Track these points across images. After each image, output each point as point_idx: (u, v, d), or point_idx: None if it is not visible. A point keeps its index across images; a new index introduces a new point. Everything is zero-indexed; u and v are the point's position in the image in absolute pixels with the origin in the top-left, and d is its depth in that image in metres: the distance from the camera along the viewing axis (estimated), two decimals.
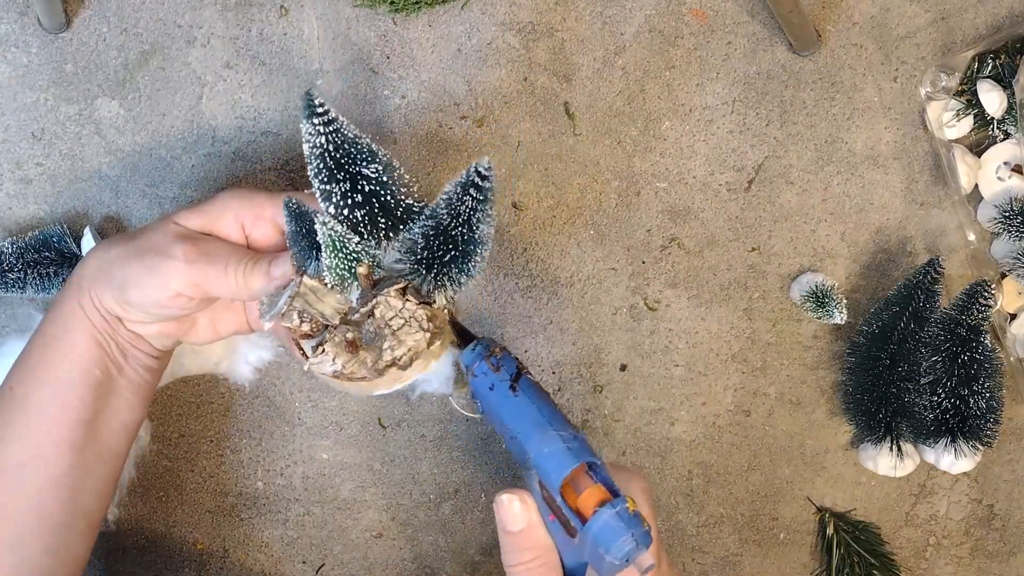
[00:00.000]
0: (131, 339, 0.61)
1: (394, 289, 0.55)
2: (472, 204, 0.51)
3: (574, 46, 0.71)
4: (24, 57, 0.69)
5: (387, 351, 0.55)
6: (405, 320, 0.55)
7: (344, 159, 0.53)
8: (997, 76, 0.71)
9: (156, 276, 0.58)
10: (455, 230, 0.53)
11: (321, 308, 0.56)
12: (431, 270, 0.55)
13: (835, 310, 0.71)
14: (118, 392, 0.61)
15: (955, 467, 0.74)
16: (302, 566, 0.76)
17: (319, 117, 0.52)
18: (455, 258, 0.54)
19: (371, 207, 0.54)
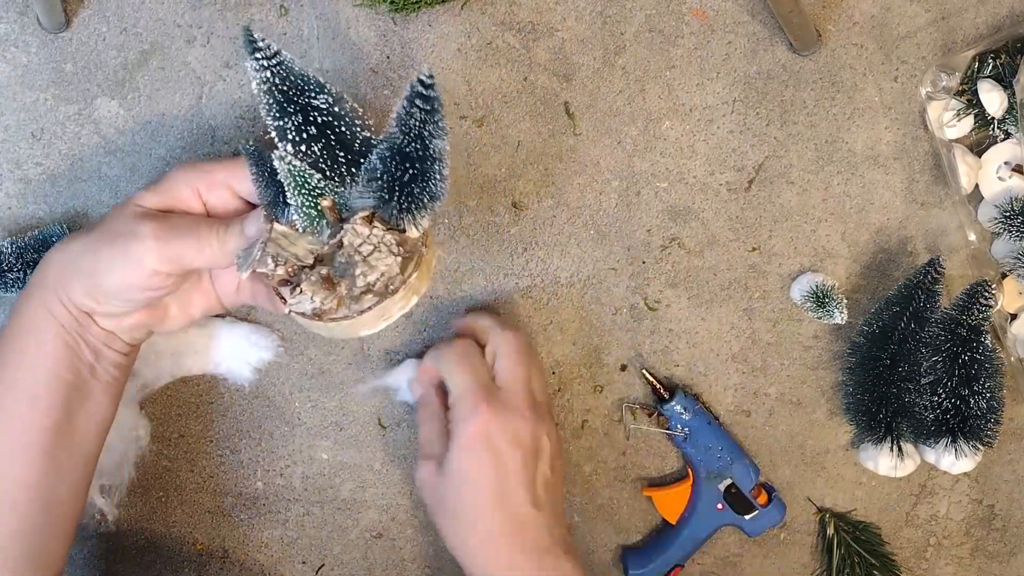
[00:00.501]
0: (102, 337, 0.60)
1: (360, 217, 0.56)
2: (420, 116, 0.51)
3: (574, 46, 0.71)
4: (24, 57, 0.69)
5: (359, 277, 0.56)
6: (374, 245, 0.56)
7: (292, 92, 0.54)
8: (997, 76, 0.71)
9: (128, 258, 0.57)
10: (408, 147, 0.52)
11: (294, 250, 0.56)
12: (393, 194, 0.55)
13: (835, 310, 0.71)
14: (89, 394, 0.61)
15: (955, 467, 0.74)
16: (302, 566, 0.76)
17: (261, 52, 0.52)
18: (413, 177, 0.53)
19: (327, 139, 0.55)
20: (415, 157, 0.53)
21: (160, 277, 0.58)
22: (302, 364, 0.74)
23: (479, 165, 0.72)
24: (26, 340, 0.60)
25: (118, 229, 0.59)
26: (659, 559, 0.75)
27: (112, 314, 0.60)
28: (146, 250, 0.57)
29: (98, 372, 0.61)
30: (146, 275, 0.58)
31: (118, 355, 0.62)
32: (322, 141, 0.55)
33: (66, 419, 0.60)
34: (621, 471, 0.77)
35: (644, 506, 0.77)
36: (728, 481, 0.74)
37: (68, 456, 0.60)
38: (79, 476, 0.62)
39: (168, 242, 0.58)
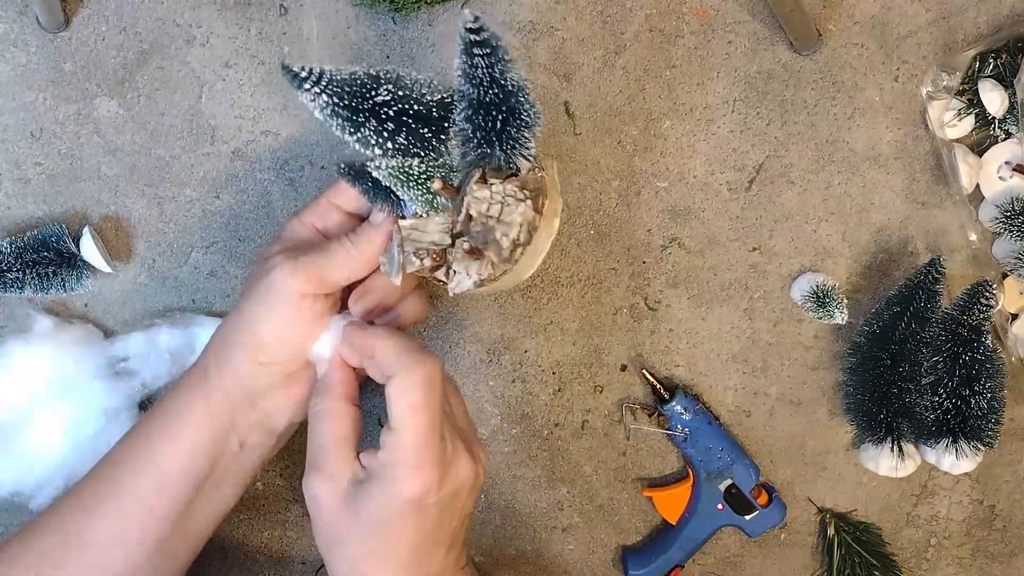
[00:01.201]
0: (265, 418, 0.60)
1: (473, 182, 0.54)
2: (485, 62, 0.48)
3: (574, 45, 0.71)
4: (23, 56, 0.69)
5: (503, 239, 0.55)
6: (500, 202, 0.54)
7: (354, 102, 0.52)
8: (998, 76, 0.71)
9: (272, 292, 0.57)
10: (486, 95, 0.50)
11: (429, 238, 0.55)
12: (492, 145, 0.53)
13: (836, 310, 0.71)
14: (221, 482, 0.60)
15: (956, 468, 0.74)
16: (302, 567, 0.76)
17: (307, 81, 0.51)
18: (505, 120, 0.51)
19: (407, 126, 0.53)
20: (498, 102, 0.50)
21: (309, 300, 0.57)
22: None
23: None
24: (172, 424, 0.59)
25: (256, 278, 0.59)
26: (659, 559, 0.75)
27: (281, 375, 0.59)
28: (284, 273, 0.57)
29: (239, 461, 0.60)
30: (295, 299, 0.57)
31: (270, 438, 0.61)
32: (403, 130, 0.54)
33: (190, 506, 0.59)
34: (621, 471, 0.76)
35: (644, 506, 0.77)
36: (728, 481, 0.74)
37: (181, 541, 0.60)
38: (186, 557, 0.61)
39: (300, 260, 0.57)
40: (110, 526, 0.58)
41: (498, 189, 0.54)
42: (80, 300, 0.72)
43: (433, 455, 0.54)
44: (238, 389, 0.58)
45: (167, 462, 0.58)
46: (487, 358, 0.74)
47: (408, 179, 0.53)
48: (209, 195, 0.71)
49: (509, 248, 0.55)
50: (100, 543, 0.57)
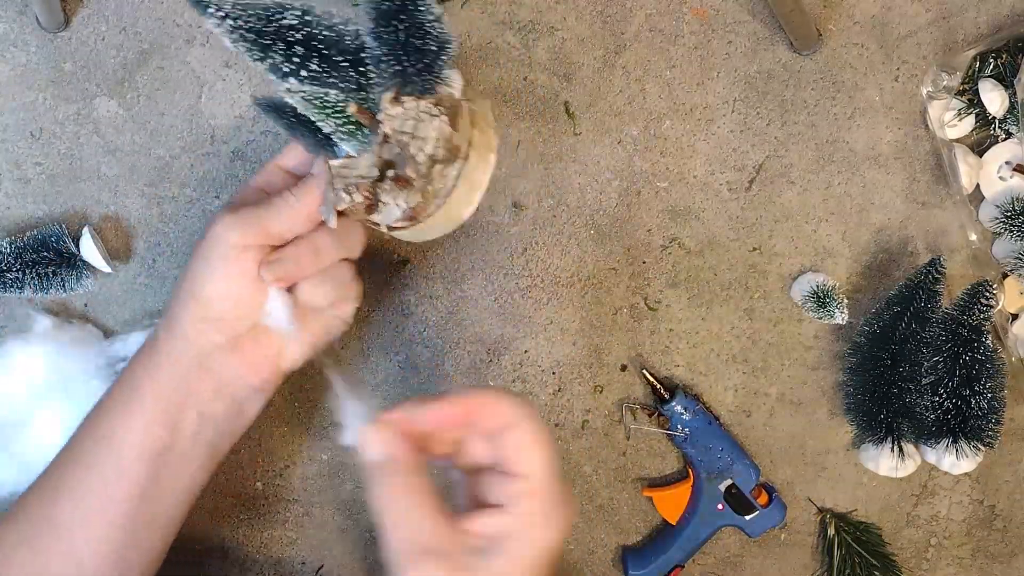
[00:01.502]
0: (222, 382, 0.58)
1: (387, 99, 0.53)
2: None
3: (574, 45, 0.71)
4: (23, 56, 0.69)
5: (419, 154, 0.53)
6: (414, 118, 0.53)
7: (259, 23, 0.51)
8: (999, 75, 0.71)
9: (212, 245, 0.56)
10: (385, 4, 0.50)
11: (358, 172, 0.54)
12: (400, 61, 0.52)
13: (836, 310, 0.71)
14: (185, 456, 0.59)
15: (956, 468, 0.73)
16: (301, 567, 0.76)
17: (211, 6, 0.50)
18: (408, 31, 0.51)
19: (319, 52, 0.52)
20: (395, 9, 0.50)
21: (251, 256, 0.56)
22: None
23: None
24: (127, 397, 0.58)
25: (202, 239, 0.58)
26: (659, 559, 0.75)
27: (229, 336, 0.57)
28: (225, 225, 0.56)
29: (202, 432, 0.59)
30: (234, 256, 0.55)
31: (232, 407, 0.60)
32: (315, 56, 0.52)
33: (154, 483, 0.58)
34: (621, 471, 0.76)
35: (644, 506, 0.77)
36: (728, 481, 0.74)
37: (149, 519, 0.59)
38: (156, 542, 0.60)
39: (241, 211, 0.56)
40: (75, 507, 0.57)
41: (411, 105, 0.53)
42: (80, 300, 0.72)
43: (563, 495, 0.52)
44: (187, 353, 0.57)
45: (124, 436, 0.57)
46: (487, 358, 0.74)
47: (324, 106, 0.52)
48: (209, 195, 0.71)
49: (426, 164, 0.53)
50: (65, 522, 0.57)
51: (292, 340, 0.60)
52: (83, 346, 0.70)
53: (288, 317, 0.59)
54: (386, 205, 0.54)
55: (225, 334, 0.58)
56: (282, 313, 0.58)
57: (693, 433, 0.73)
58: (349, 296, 0.62)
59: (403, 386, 0.74)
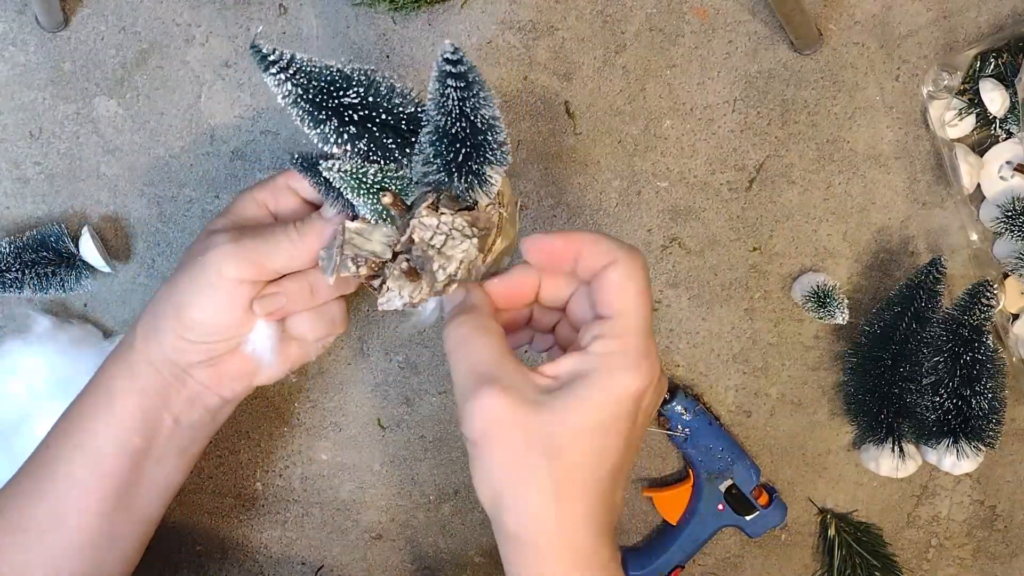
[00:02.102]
0: (196, 394, 0.58)
1: (424, 207, 0.52)
2: (457, 94, 0.46)
3: (574, 45, 0.71)
4: (22, 56, 0.69)
5: (439, 271, 0.52)
6: (446, 234, 0.52)
7: (319, 97, 0.50)
8: (999, 75, 0.71)
9: (206, 273, 0.54)
10: (453, 127, 0.48)
11: (371, 247, 0.53)
12: (451, 175, 0.51)
13: (837, 310, 0.70)
14: (160, 460, 0.59)
15: (957, 468, 0.73)
16: (301, 567, 0.76)
17: (275, 65, 0.49)
18: (468, 155, 0.49)
19: (371, 133, 0.52)
20: (463, 136, 0.49)
21: (246, 287, 0.55)
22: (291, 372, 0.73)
23: None
24: (101, 400, 0.57)
25: (193, 254, 0.57)
26: (659, 560, 0.74)
27: (208, 356, 0.57)
28: (222, 256, 0.54)
29: (176, 438, 0.59)
30: (229, 286, 0.55)
31: (206, 415, 0.59)
32: (365, 136, 0.52)
33: (128, 485, 0.57)
34: None
35: (645, 507, 0.77)
36: (729, 482, 0.74)
37: (125, 520, 0.58)
38: (133, 541, 0.59)
39: (242, 244, 0.55)
40: (48, 509, 0.56)
41: (447, 220, 0.52)
42: (79, 300, 0.72)
43: (654, 345, 0.49)
44: (165, 364, 0.57)
45: (99, 439, 0.57)
46: None
47: (360, 186, 0.51)
48: (208, 195, 0.71)
49: (444, 282, 0.53)
50: (39, 527, 0.56)
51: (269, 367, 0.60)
52: (82, 346, 0.69)
53: (271, 350, 0.59)
54: (389, 290, 0.53)
55: (203, 355, 0.57)
56: (266, 345, 0.58)
57: (693, 433, 0.73)
58: (337, 331, 0.62)
59: (403, 386, 0.74)
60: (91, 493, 0.57)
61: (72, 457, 0.57)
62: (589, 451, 0.47)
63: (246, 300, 0.56)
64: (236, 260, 0.54)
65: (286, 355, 0.60)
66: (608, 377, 0.47)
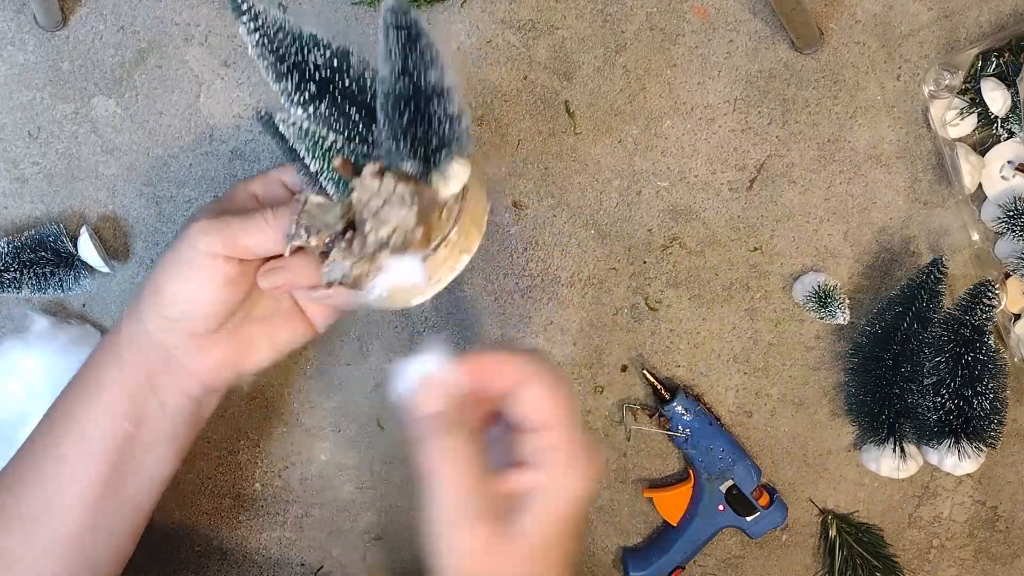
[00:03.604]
0: (180, 380, 0.58)
1: (369, 171, 0.50)
2: (400, 50, 0.46)
3: (575, 44, 0.71)
4: (20, 55, 0.68)
5: (370, 234, 0.51)
6: (384, 199, 0.50)
7: (284, 51, 0.50)
8: (1001, 74, 0.70)
9: (183, 248, 0.55)
10: (396, 84, 0.47)
11: (325, 219, 0.53)
12: (397, 142, 0.49)
13: (838, 310, 0.70)
14: (150, 447, 0.59)
15: (959, 469, 0.73)
16: (300, 568, 0.76)
17: (246, 13, 0.50)
18: (412, 119, 0.48)
19: (332, 97, 0.51)
20: (406, 96, 0.47)
21: (219, 263, 0.55)
22: (300, 365, 0.73)
23: (479, 164, 0.72)
24: (90, 386, 0.58)
25: (177, 236, 0.57)
26: (660, 561, 0.74)
27: (191, 336, 0.57)
28: (197, 230, 0.54)
29: (164, 424, 0.59)
30: (204, 260, 0.55)
31: (191, 403, 0.59)
32: (326, 98, 0.51)
33: (119, 473, 0.58)
34: (622, 472, 0.76)
35: (645, 507, 0.77)
36: (729, 482, 0.74)
37: (116, 509, 0.58)
38: (124, 530, 0.59)
39: (218, 220, 0.55)
40: (39, 497, 0.57)
41: (388, 185, 0.50)
42: (78, 300, 0.72)
43: (586, 444, 0.52)
44: (150, 346, 0.57)
45: (88, 425, 0.57)
46: None
47: (314, 146, 0.51)
48: (208, 195, 0.71)
49: (373, 245, 0.51)
50: (30, 515, 0.57)
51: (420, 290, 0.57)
52: (81, 346, 0.69)
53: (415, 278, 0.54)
54: (333, 261, 0.53)
55: (182, 334, 0.57)
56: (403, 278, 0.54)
57: (694, 434, 0.73)
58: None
59: None
60: (82, 480, 0.57)
61: (62, 444, 0.57)
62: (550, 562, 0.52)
63: (221, 276, 0.55)
64: (209, 235, 0.55)
65: (273, 336, 0.61)
66: (559, 486, 0.51)
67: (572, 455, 0.52)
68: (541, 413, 0.52)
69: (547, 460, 0.51)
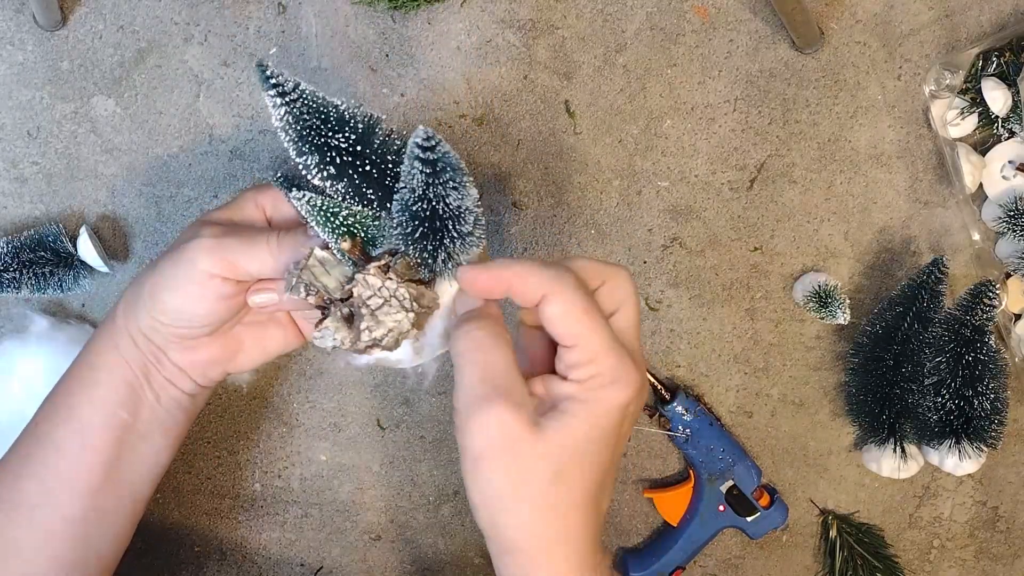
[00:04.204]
0: (172, 375, 0.59)
1: (374, 266, 0.52)
2: (423, 179, 0.47)
3: (575, 44, 0.71)
4: (20, 55, 0.68)
5: (364, 332, 0.52)
6: (385, 299, 0.52)
7: (307, 131, 0.51)
8: (1002, 74, 0.70)
9: (181, 261, 0.55)
10: (415, 205, 0.48)
11: (326, 281, 0.53)
12: (407, 245, 0.51)
13: (838, 310, 0.70)
14: (146, 436, 0.59)
15: (959, 469, 0.73)
16: (300, 568, 0.76)
17: (274, 88, 0.49)
18: (424, 235, 0.50)
19: (351, 179, 0.52)
20: (423, 216, 0.49)
21: (217, 282, 0.55)
22: (300, 365, 0.73)
23: (479, 164, 0.71)
24: (88, 374, 0.58)
25: (180, 241, 0.58)
26: (660, 561, 0.74)
27: (181, 338, 0.57)
28: (200, 248, 0.55)
29: (159, 414, 0.59)
30: (202, 278, 0.55)
31: (184, 396, 0.60)
32: (344, 179, 0.52)
33: (116, 459, 0.58)
34: (622, 472, 0.76)
35: (645, 508, 0.77)
36: (730, 483, 0.74)
37: (114, 496, 0.59)
38: (123, 518, 0.60)
39: (221, 241, 0.55)
40: (37, 486, 0.57)
41: (390, 286, 0.52)
42: (77, 300, 0.72)
43: (625, 353, 0.50)
44: (143, 340, 0.58)
45: (86, 412, 0.57)
46: None
47: (327, 222, 0.51)
48: (207, 194, 0.71)
49: (367, 344, 0.53)
50: (29, 503, 0.57)
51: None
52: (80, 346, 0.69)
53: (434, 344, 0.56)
54: (325, 328, 0.53)
55: (174, 338, 0.58)
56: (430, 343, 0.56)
57: (694, 434, 0.73)
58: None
59: (403, 386, 0.74)
60: (80, 467, 0.57)
61: (60, 431, 0.58)
62: (583, 468, 0.50)
63: (217, 293, 0.56)
64: (211, 256, 0.55)
65: (263, 341, 0.61)
66: (593, 398, 0.50)
67: (611, 365, 0.50)
68: (570, 328, 0.50)
69: (579, 374, 0.50)
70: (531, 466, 0.49)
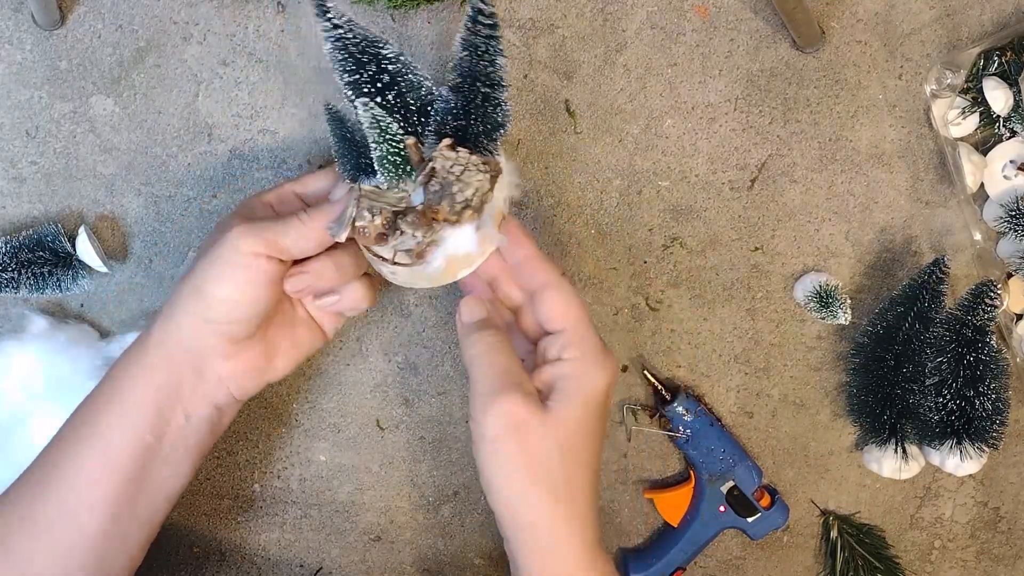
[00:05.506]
0: (210, 388, 0.59)
1: (443, 145, 0.58)
2: (485, 33, 0.54)
3: (575, 43, 0.70)
4: (18, 54, 0.68)
5: (458, 193, 0.57)
6: (464, 166, 0.58)
7: (364, 44, 0.57)
8: (1003, 73, 0.70)
9: (225, 250, 0.57)
10: (477, 66, 0.56)
11: (387, 199, 0.58)
12: (469, 118, 0.58)
13: (839, 310, 0.70)
14: (169, 460, 0.59)
15: (961, 469, 0.73)
16: (299, 569, 0.75)
17: (330, 19, 0.56)
18: (486, 96, 0.57)
19: (399, 88, 0.58)
20: (483, 76, 0.56)
21: (261, 261, 0.57)
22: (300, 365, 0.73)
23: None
24: (114, 396, 0.59)
25: (211, 243, 0.59)
26: (661, 562, 0.74)
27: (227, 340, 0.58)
28: (238, 233, 0.57)
29: (185, 436, 0.60)
30: (245, 262, 0.57)
31: (214, 413, 0.60)
32: (394, 89, 0.58)
33: (137, 483, 0.58)
34: (622, 473, 0.76)
35: (646, 508, 0.77)
36: (730, 483, 0.74)
37: (132, 518, 0.59)
38: (139, 540, 0.60)
39: (255, 224, 0.58)
40: (58, 504, 0.57)
41: (464, 155, 0.58)
42: (76, 300, 0.71)
43: (603, 343, 0.60)
44: (181, 354, 0.58)
45: (112, 435, 0.58)
46: None
47: (384, 131, 0.56)
48: (206, 194, 0.71)
49: (461, 205, 0.58)
50: (46, 519, 0.57)
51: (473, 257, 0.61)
52: (79, 347, 0.69)
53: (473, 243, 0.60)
54: (403, 233, 0.58)
55: (221, 337, 0.58)
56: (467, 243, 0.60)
57: (695, 434, 0.73)
58: (362, 306, 0.64)
59: (402, 386, 0.74)
60: (100, 488, 0.57)
61: (83, 450, 0.58)
62: (585, 444, 0.57)
63: (263, 275, 0.58)
64: (252, 237, 0.57)
65: (295, 341, 0.63)
66: (585, 378, 0.58)
67: (593, 349, 0.58)
68: (565, 314, 0.59)
69: (570, 353, 0.58)
70: (541, 444, 0.56)
